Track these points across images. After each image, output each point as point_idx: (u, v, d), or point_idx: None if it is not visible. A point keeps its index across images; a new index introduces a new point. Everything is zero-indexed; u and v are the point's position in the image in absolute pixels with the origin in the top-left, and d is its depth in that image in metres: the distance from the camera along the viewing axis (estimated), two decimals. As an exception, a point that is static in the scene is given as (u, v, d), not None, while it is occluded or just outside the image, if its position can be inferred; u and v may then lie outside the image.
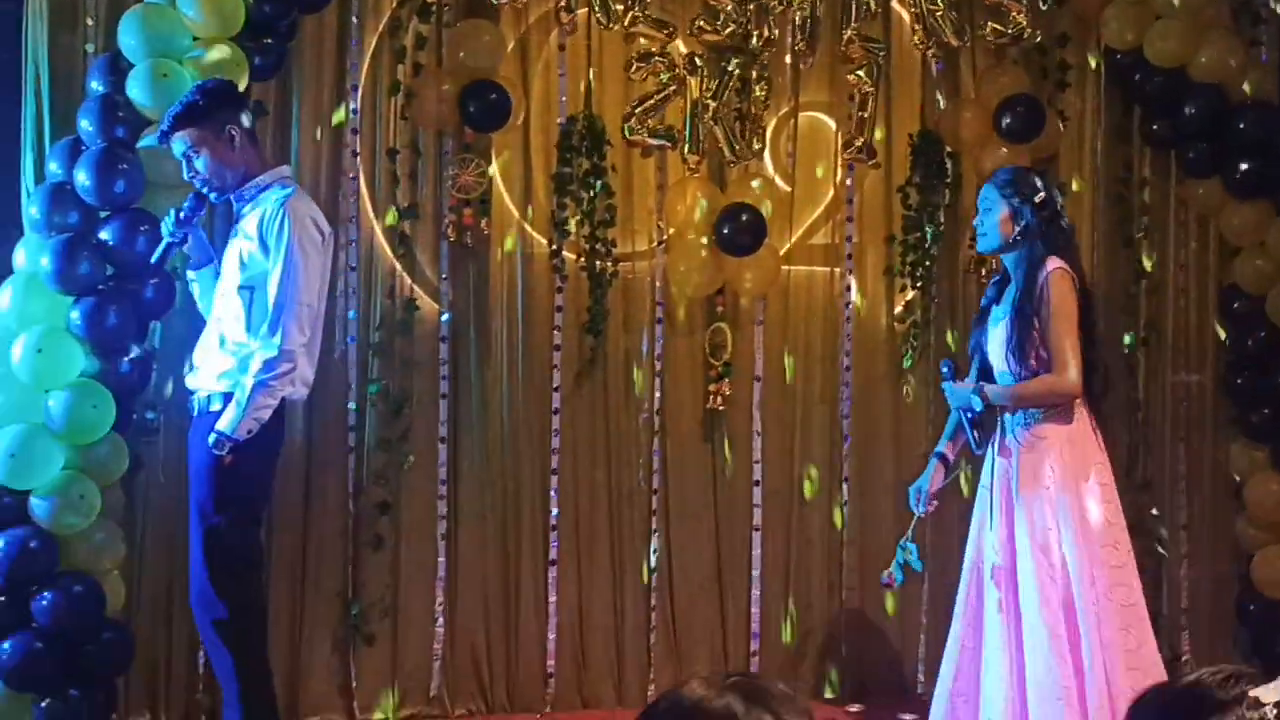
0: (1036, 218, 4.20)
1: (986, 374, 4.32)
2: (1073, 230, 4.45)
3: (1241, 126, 5.80)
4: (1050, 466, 4.13)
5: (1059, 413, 4.15)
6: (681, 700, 1.75)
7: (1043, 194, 4.24)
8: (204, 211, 4.43)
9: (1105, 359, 4.38)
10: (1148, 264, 6.10)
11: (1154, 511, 6.03)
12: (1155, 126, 6.00)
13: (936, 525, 5.27)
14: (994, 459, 4.27)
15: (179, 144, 4.25)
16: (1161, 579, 6.09)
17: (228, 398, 4.11)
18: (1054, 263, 4.16)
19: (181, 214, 4.31)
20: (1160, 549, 6.03)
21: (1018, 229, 4.21)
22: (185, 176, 4.28)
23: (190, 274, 4.57)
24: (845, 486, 5.85)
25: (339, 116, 5.27)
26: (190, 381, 4.31)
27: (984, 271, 5.89)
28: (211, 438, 4.03)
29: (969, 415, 4.28)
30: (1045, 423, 4.16)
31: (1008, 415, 4.22)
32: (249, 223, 4.20)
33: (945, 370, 4.40)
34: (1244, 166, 5.84)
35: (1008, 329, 4.19)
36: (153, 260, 4.38)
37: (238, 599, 4.12)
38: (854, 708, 5.65)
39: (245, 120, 4.34)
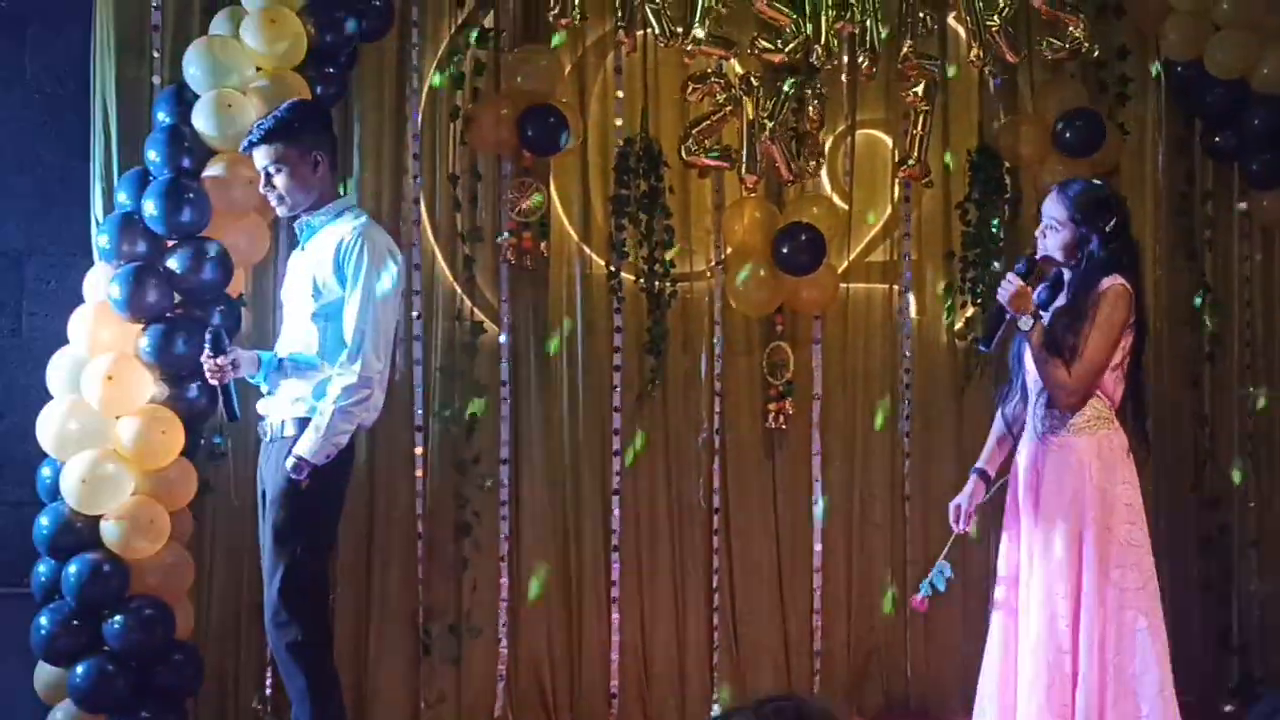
0: (1104, 248, 4.09)
1: (1024, 389, 4.24)
2: (1138, 250, 4.33)
3: (1306, 137, 5.75)
4: (1076, 479, 4.03)
5: (1092, 426, 4.05)
6: None
7: (1114, 220, 4.11)
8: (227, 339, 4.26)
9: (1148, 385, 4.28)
10: (1211, 277, 6.04)
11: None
12: (1217, 139, 5.95)
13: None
14: (1021, 463, 4.20)
15: (263, 157, 4.20)
16: (1232, 597, 6.01)
17: (302, 423, 4.12)
18: (1115, 279, 4.05)
19: (212, 345, 4.16)
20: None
21: (1083, 254, 4.11)
22: (260, 190, 4.27)
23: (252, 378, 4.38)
24: (907, 505, 5.82)
25: (399, 144, 5.33)
26: (262, 407, 4.31)
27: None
28: (290, 462, 4.05)
29: (1007, 315, 4.11)
30: (1077, 435, 4.06)
31: (1039, 421, 4.11)
32: (323, 249, 4.19)
33: (1020, 266, 4.18)
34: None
35: (1051, 325, 4.08)
36: (228, 415, 4.26)
37: (311, 621, 4.15)
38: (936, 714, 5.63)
39: (331, 145, 4.35)
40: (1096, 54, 5.80)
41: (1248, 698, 5.90)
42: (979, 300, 5.81)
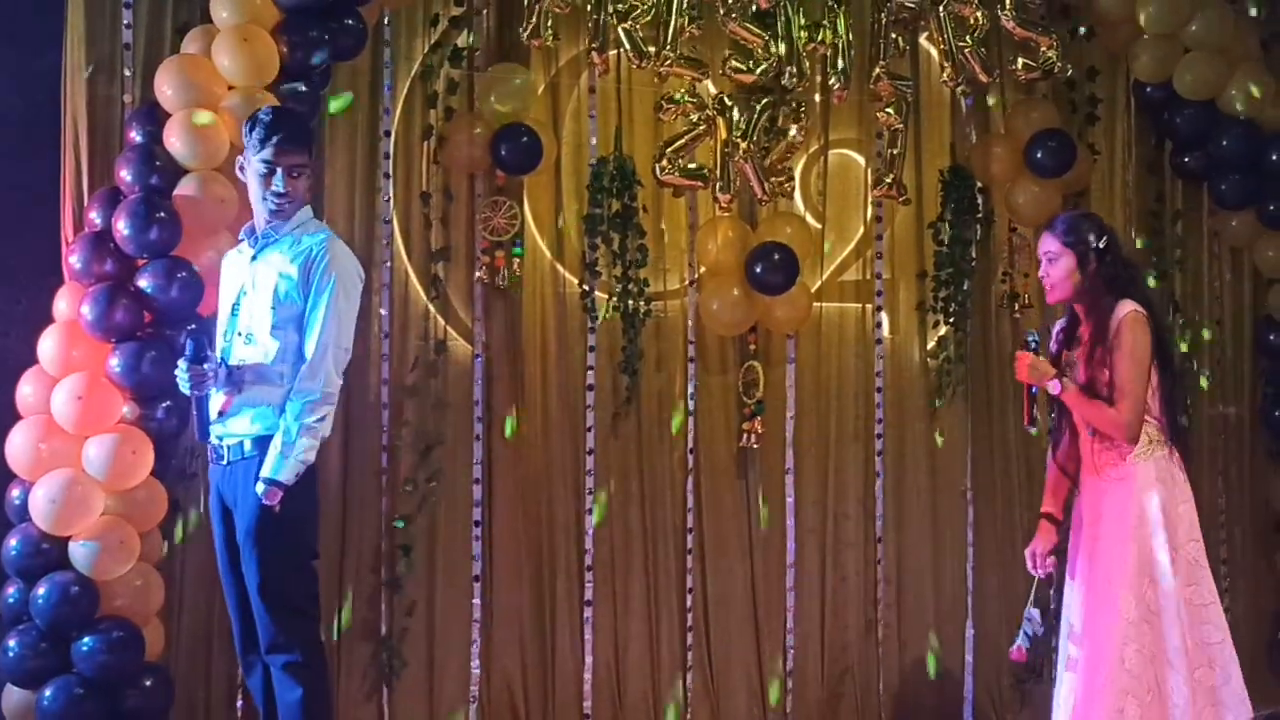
0: (1102, 264, 4.16)
1: (1074, 429, 4.27)
2: (1137, 268, 4.40)
3: (1274, 158, 5.79)
4: (1139, 506, 4.09)
5: (1148, 451, 4.11)
6: None
7: (1105, 237, 4.20)
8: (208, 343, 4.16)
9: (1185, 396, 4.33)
10: (1181, 296, 6.08)
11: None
12: (1186, 159, 6.00)
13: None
14: (1086, 502, 4.23)
15: (294, 157, 4.06)
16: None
17: (260, 441, 4.03)
18: (1127, 305, 4.11)
19: (193, 350, 4.04)
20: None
21: (1085, 277, 4.17)
22: (279, 187, 4.06)
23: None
24: (879, 523, 5.83)
25: (372, 163, 5.32)
26: (216, 427, 4.15)
27: (1016, 306, 5.89)
28: (260, 487, 3.98)
29: (1034, 391, 4.25)
30: (1134, 464, 4.11)
31: (1099, 455, 4.16)
32: (283, 261, 4.09)
33: (1031, 341, 4.26)
34: (1278, 198, 5.82)
35: (1085, 373, 4.14)
36: (201, 432, 4.12)
37: (307, 638, 4.11)
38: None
39: None
40: (1069, 74, 5.85)
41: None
42: (951, 320, 5.83)
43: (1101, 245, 4.17)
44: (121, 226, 4.56)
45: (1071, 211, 4.47)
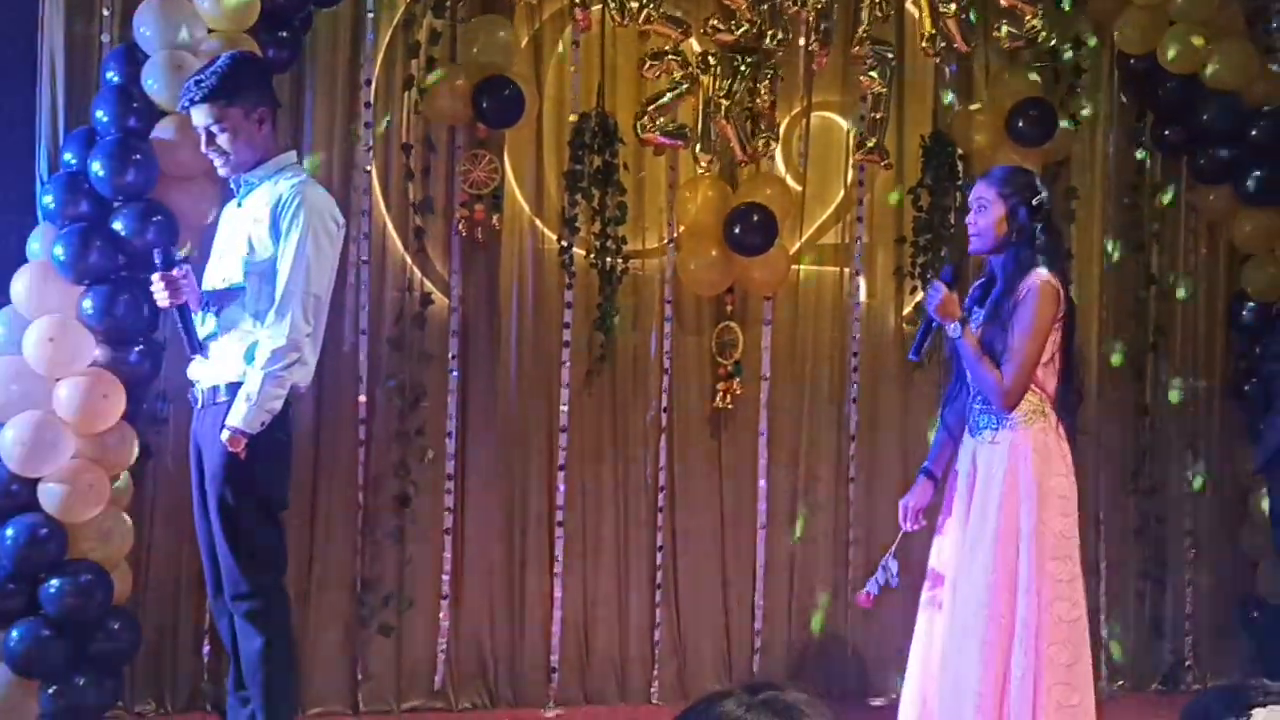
0: (1032, 220, 4.08)
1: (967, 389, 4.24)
2: (1060, 235, 4.36)
3: (1254, 134, 5.81)
4: (1011, 473, 4.05)
5: (1027, 420, 4.06)
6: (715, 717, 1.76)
7: (1041, 194, 4.14)
8: (176, 251, 4.21)
9: (1082, 373, 4.28)
10: (1157, 269, 6.10)
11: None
12: (1167, 132, 6.01)
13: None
14: (959, 461, 4.22)
15: (203, 115, 4.03)
16: (1166, 585, 6.10)
17: (233, 388, 4.01)
18: (1042, 274, 4.04)
19: (162, 260, 4.09)
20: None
21: (1012, 230, 4.09)
22: (202, 149, 4.11)
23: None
24: (851, 486, 5.86)
25: (352, 112, 5.28)
26: (193, 372, 4.18)
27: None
28: (225, 434, 3.96)
29: (934, 323, 4.15)
30: (1012, 429, 4.07)
31: (978, 415, 4.14)
32: (258, 206, 4.06)
33: (946, 274, 4.21)
34: (1256, 174, 5.84)
35: (982, 329, 4.10)
36: (191, 346, 4.09)
37: (270, 586, 4.10)
38: (876, 701, 5.69)
39: (273, 100, 4.22)
40: (1052, 43, 5.85)
41: (1177, 684, 6.01)
42: (928, 286, 5.83)
43: (1034, 203, 4.10)
44: (97, 168, 4.52)
45: (1012, 165, 4.36)
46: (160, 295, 4.09)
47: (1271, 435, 5.59)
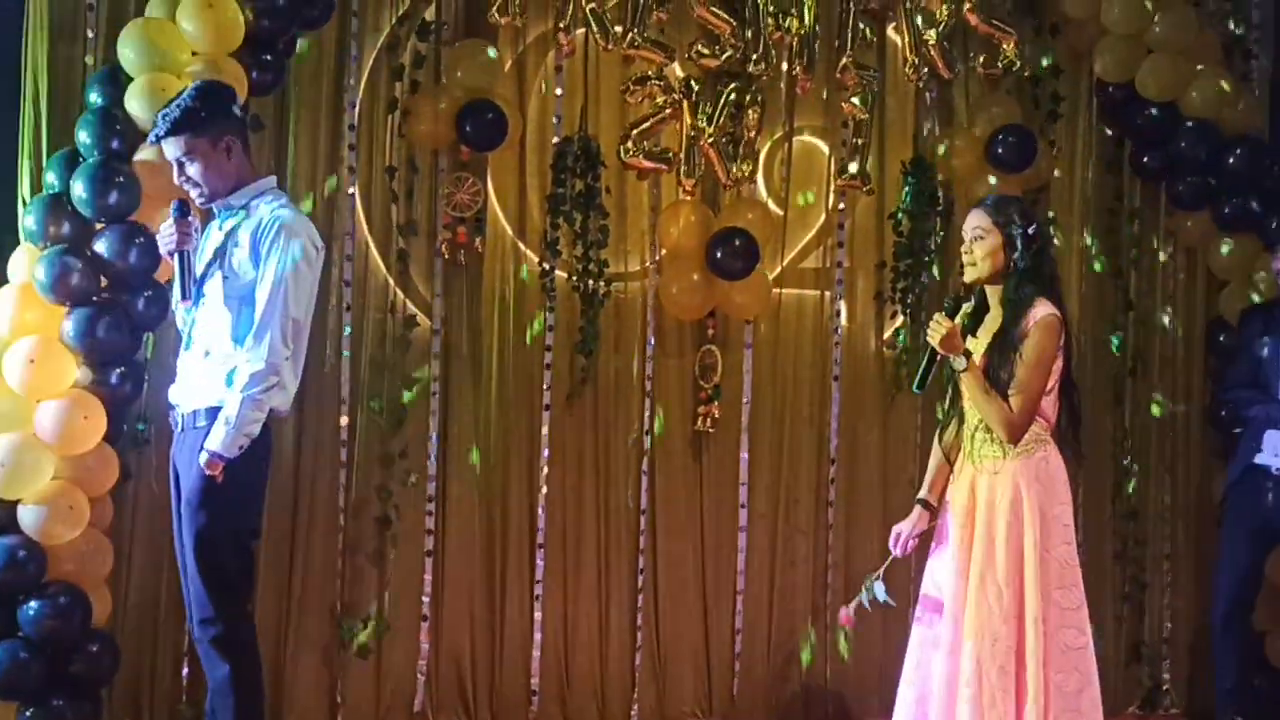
0: (1027, 250, 4.11)
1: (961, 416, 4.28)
2: (1055, 262, 4.38)
3: (1231, 161, 5.86)
4: (1016, 502, 4.07)
5: (1029, 449, 4.09)
6: None
7: (1035, 225, 4.16)
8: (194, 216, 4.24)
9: (1079, 398, 4.30)
10: (1135, 295, 6.14)
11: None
12: (1146, 159, 6.05)
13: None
14: (958, 488, 4.22)
15: (173, 148, 4.10)
16: (1144, 608, 6.13)
17: (212, 413, 4.02)
18: (1045, 307, 4.07)
19: (179, 211, 4.14)
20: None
21: (1009, 259, 4.12)
22: (176, 181, 4.16)
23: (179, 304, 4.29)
24: (831, 510, 5.87)
25: (336, 134, 5.30)
26: (174, 396, 4.20)
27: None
28: (203, 457, 3.97)
29: (936, 357, 4.13)
30: (1013, 459, 4.09)
31: (980, 445, 4.16)
32: (240, 231, 4.10)
33: (948, 305, 4.21)
34: (1233, 200, 5.89)
35: (985, 360, 4.12)
36: (185, 291, 4.13)
37: (236, 613, 4.10)
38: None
39: (240, 128, 4.25)
40: (1028, 72, 5.90)
41: (1155, 707, 6.04)
42: (909, 310, 5.87)
43: (1030, 232, 4.13)
44: (80, 189, 4.53)
45: (1002, 194, 4.41)
46: (167, 239, 4.13)
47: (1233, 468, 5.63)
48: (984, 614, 4.05)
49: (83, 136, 4.61)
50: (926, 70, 5.74)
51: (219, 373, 4.06)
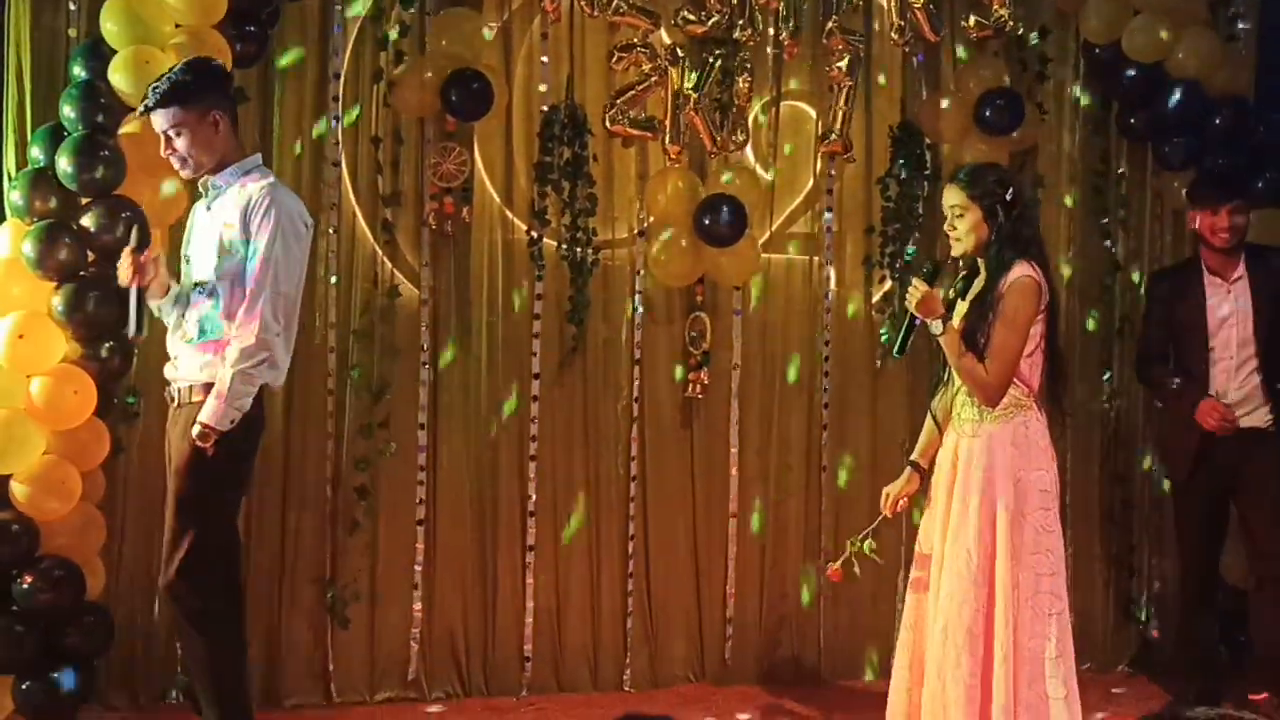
0: (1009, 218, 4.13)
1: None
2: (1036, 225, 4.39)
3: (1217, 122, 5.85)
4: (989, 467, 4.10)
5: (1008, 413, 4.12)
6: None
7: (1011, 190, 4.18)
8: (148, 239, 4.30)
9: (1065, 361, 4.31)
10: (1122, 256, 6.15)
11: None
12: (1132, 120, 6.04)
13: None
14: (944, 452, 4.25)
15: (161, 120, 4.15)
16: (1133, 568, 6.17)
17: (209, 388, 4.08)
18: (1023, 268, 4.09)
19: (138, 235, 4.22)
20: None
21: (992, 229, 4.14)
22: (162, 153, 4.22)
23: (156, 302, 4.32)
24: (822, 475, 5.90)
25: (321, 105, 5.29)
26: (169, 372, 4.26)
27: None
28: (195, 429, 4.02)
29: (916, 321, 4.18)
30: (993, 423, 4.12)
31: (962, 408, 4.19)
32: (228, 209, 4.15)
33: (927, 270, 4.28)
34: (1219, 161, 5.88)
35: (964, 324, 4.15)
36: (133, 327, 4.16)
37: (215, 590, 4.13)
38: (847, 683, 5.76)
39: (229, 105, 4.29)
40: (1019, 32, 5.88)
41: (1146, 665, 6.08)
42: (897, 275, 5.87)
43: (1008, 198, 4.14)
44: (65, 164, 4.52)
45: (975, 164, 4.43)
46: (125, 273, 4.15)
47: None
48: (953, 576, 4.08)
49: (67, 110, 4.61)
50: (912, 35, 5.73)
51: (213, 349, 4.11)
